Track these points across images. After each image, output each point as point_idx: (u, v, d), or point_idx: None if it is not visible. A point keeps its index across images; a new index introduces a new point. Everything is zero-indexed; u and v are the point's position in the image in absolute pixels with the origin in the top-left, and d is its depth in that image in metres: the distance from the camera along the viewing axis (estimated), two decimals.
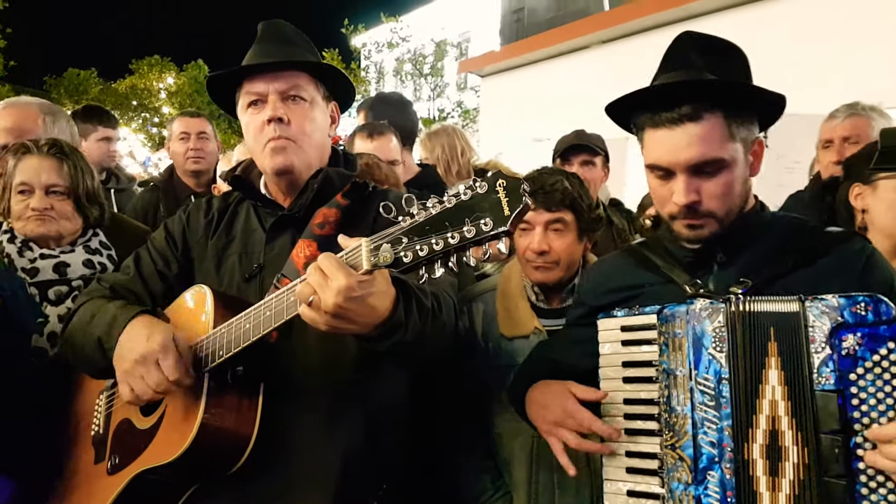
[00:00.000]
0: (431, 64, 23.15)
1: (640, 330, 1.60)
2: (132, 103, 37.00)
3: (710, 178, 1.54)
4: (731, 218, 1.59)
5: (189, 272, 1.96)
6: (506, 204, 1.22)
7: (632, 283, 1.74)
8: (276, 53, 1.88)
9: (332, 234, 1.81)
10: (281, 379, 1.73)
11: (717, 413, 1.45)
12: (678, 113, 1.52)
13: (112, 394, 1.95)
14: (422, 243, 1.27)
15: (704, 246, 1.62)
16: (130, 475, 1.74)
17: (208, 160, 4.28)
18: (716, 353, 1.47)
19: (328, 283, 1.34)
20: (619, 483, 1.58)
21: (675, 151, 1.54)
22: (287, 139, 1.83)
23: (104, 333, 1.72)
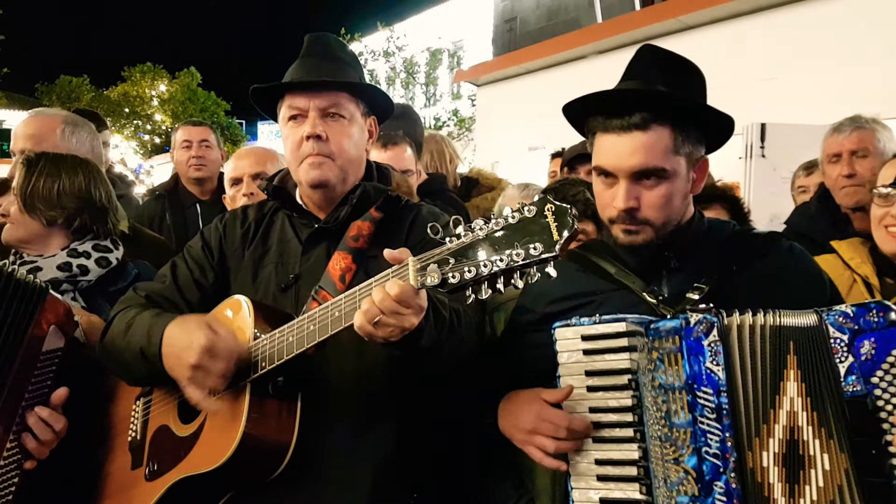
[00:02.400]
0: (426, 72, 23.22)
1: (604, 339, 1.61)
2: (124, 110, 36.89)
3: (650, 188, 1.62)
4: (667, 229, 1.67)
5: (225, 281, 1.99)
6: (555, 229, 1.25)
7: (582, 289, 1.76)
8: (319, 70, 1.91)
9: (365, 247, 1.88)
10: (317, 389, 1.76)
11: (719, 424, 1.47)
12: (628, 121, 1.60)
13: (149, 400, 1.98)
14: (470, 265, 1.30)
15: (657, 253, 1.69)
16: (170, 482, 1.78)
17: (210, 168, 4.33)
18: (713, 366, 1.49)
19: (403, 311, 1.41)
20: (589, 491, 1.59)
21: (620, 157, 1.62)
22: (325, 156, 1.87)
23: (145, 344, 1.74)
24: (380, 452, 1.82)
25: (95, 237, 2.41)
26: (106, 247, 2.41)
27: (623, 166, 1.61)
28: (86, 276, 2.32)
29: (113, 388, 2.13)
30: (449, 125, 20.56)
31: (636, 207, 1.63)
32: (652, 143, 1.60)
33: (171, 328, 1.71)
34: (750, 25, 7.37)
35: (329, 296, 1.78)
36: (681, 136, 1.62)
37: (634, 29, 8.81)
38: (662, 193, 1.63)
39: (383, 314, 1.42)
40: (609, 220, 1.69)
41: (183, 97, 37.83)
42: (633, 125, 1.59)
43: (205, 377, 1.62)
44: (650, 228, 1.65)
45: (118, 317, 1.90)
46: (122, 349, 1.82)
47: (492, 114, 11.89)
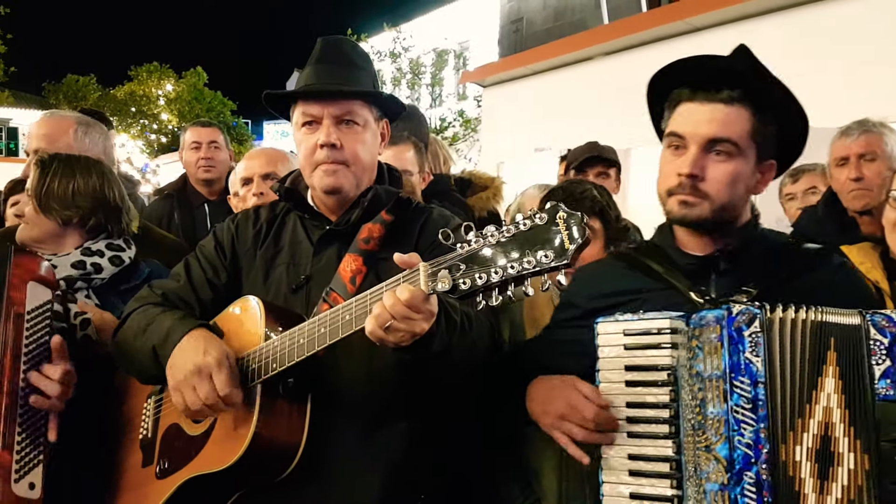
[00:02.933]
0: (432, 73, 23.24)
1: (646, 335, 1.61)
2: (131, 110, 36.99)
3: (718, 162, 1.64)
4: (723, 215, 1.67)
5: (237, 281, 2.01)
6: (566, 237, 1.26)
7: (628, 287, 1.78)
8: (333, 76, 1.92)
9: (376, 249, 1.90)
10: (327, 390, 1.78)
11: (754, 415, 1.48)
12: (714, 95, 1.64)
13: (160, 399, 2.00)
14: (480, 272, 1.31)
15: (708, 255, 1.71)
16: (180, 480, 1.80)
17: (219, 169, 4.36)
18: (752, 357, 1.50)
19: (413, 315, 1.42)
20: (619, 486, 1.60)
21: (698, 124, 1.64)
22: (339, 163, 1.88)
23: (160, 344, 1.76)
24: (389, 454, 1.83)
25: (109, 236, 2.44)
26: (119, 245, 2.45)
27: (698, 132, 1.64)
28: (99, 274, 2.36)
29: (124, 385, 2.16)
30: (454, 126, 20.56)
31: (700, 177, 1.63)
32: (732, 118, 1.63)
33: (194, 334, 1.74)
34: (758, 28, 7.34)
35: (339, 298, 1.80)
36: (759, 124, 1.65)
37: (641, 31, 8.78)
38: (729, 171, 1.64)
39: (394, 319, 1.43)
40: (667, 191, 1.69)
41: (189, 97, 37.93)
42: (718, 99, 1.63)
43: (192, 389, 1.66)
44: (707, 205, 1.64)
45: (135, 314, 1.91)
46: (138, 347, 1.84)
47: (497, 115, 11.87)
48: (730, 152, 1.63)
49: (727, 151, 1.63)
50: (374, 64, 2.08)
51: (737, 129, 1.63)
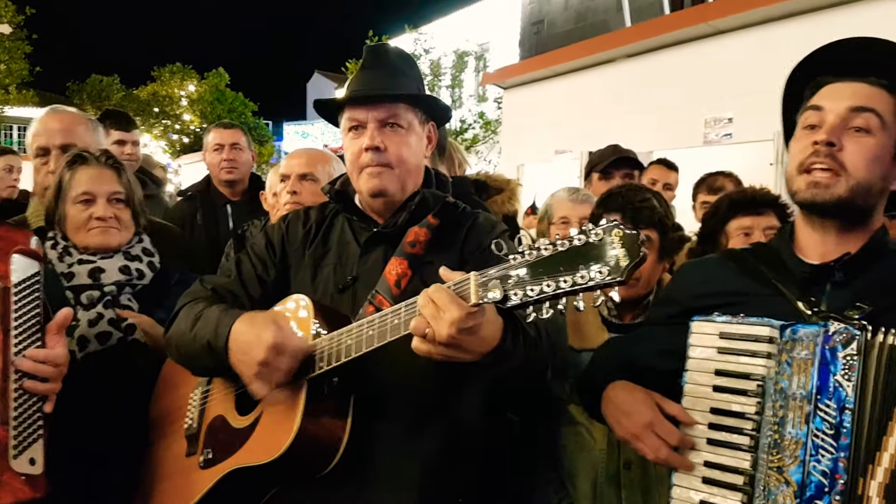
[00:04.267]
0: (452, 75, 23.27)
1: (743, 340, 1.53)
2: (154, 110, 37.25)
3: (857, 138, 1.53)
4: (859, 201, 1.54)
5: (285, 279, 2.04)
6: (623, 255, 1.25)
7: (734, 289, 1.68)
8: (377, 82, 1.96)
9: (421, 253, 1.92)
10: (369, 391, 1.80)
11: (835, 443, 1.40)
12: (858, 79, 1.57)
13: (207, 390, 2.05)
14: (533, 284, 1.31)
15: (823, 264, 1.59)
16: (224, 471, 1.85)
17: (241, 170, 4.43)
18: (843, 380, 1.41)
19: (441, 315, 1.39)
20: (690, 491, 1.55)
21: (839, 96, 1.57)
22: (383, 166, 1.92)
23: (212, 338, 1.79)
24: (428, 455, 1.86)
25: (140, 241, 2.47)
26: (150, 250, 2.47)
27: (839, 102, 1.55)
28: (142, 280, 2.39)
29: (171, 375, 2.21)
30: (474, 128, 20.58)
31: (838, 147, 1.52)
32: (875, 95, 1.56)
33: (239, 324, 1.76)
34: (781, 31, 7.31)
35: (384, 300, 1.84)
36: None
37: (664, 33, 8.76)
38: (870, 146, 1.53)
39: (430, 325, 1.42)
40: (799, 165, 1.58)
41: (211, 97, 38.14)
42: (864, 81, 1.57)
43: (271, 373, 1.67)
44: (843, 181, 1.51)
45: (185, 309, 1.96)
46: (189, 341, 1.88)
47: (518, 116, 11.88)
48: (870, 128, 1.52)
49: (867, 128, 1.52)
50: (418, 68, 2.12)
51: (881, 104, 1.54)
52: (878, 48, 1.62)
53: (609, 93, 9.53)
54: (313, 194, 2.82)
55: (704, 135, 7.62)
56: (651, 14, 11.32)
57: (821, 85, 1.63)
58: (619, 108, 9.10)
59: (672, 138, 7.96)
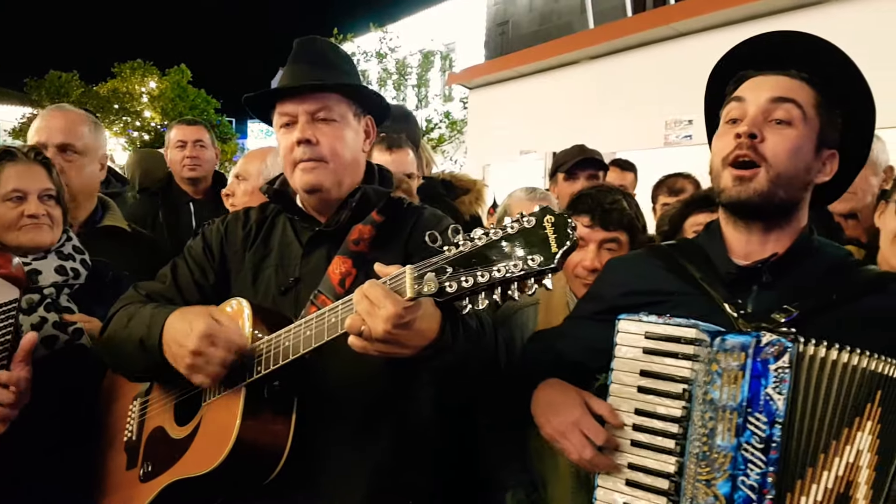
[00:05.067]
0: (418, 74, 23.24)
1: (668, 341, 1.50)
2: (114, 107, 36.61)
3: (778, 130, 1.53)
4: (781, 193, 1.53)
5: (225, 283, 1.98)
6: (553, 241, 1.24)
7: (661, 288, 1.66)
8: (307, 75, 1.90)
9: (366, 250, 1.87)
10: (313, 394, 1.75)
11: (764, 457, 1.36)
12: (780, 71, 1.57)
13: (146, 401, 1.98)
14: (467, 275, 1.28)
15: (750, 266, 1.57)
16: (163, 484, 1.78)
17: (204, 167, 4.34)
18: (774, 393, 1.37)
19: (376, 311, 1.36)
20: (614, 493, 1.52)
21: (761, 87, 1.57)
22: (316, 160, 1.86)
23: (145, 334, 1.74)
24: (376, 459, 1.82)
25: (69, 239, 2.36)
26: (80, 248, 2.37)
27: (761, 93, 1.55)
28: (78, 279, 2.29)
29: (110, 387, 2.13)
30: (440, 127, 20.58)
31: (760, 139, 1.51)
32: (796, 87, 1.55)
33: (173, 317, 1.71)
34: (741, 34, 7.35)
35: (328, 300, 1.78)
36: (825, 102, 1.56)
37: (626, 35, 8.84)
38: (791, 137, 1.52)
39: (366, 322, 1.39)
40: (723, 160, 1.57)
41: (173, 94, 37.57)
42: (785, 74, 1.57)
43: (205, 363, 1.61)
44: (763, 173, 1.51)
45: (119, 312, 1.89)
46: (122, 341, 1.81)
47: (483, 117, 11.91)
48: (791, 119, 1.52)
49: (788, 119, 1.52)
50: (357, 64, 2.06)
51: (801, 96, 1.54)
52: (800, 42, 1.63)
53: (573, 94, 9.59)
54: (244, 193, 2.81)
55: (665, 136, 7.69)
56: (614, 16, 11.40)
57: (743, 79, 1.63)
58: (582, 109, 9.16)
59: (634, 139, 8.02)
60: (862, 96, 1.60)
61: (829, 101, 1.56)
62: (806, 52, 1.59)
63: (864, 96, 1.60)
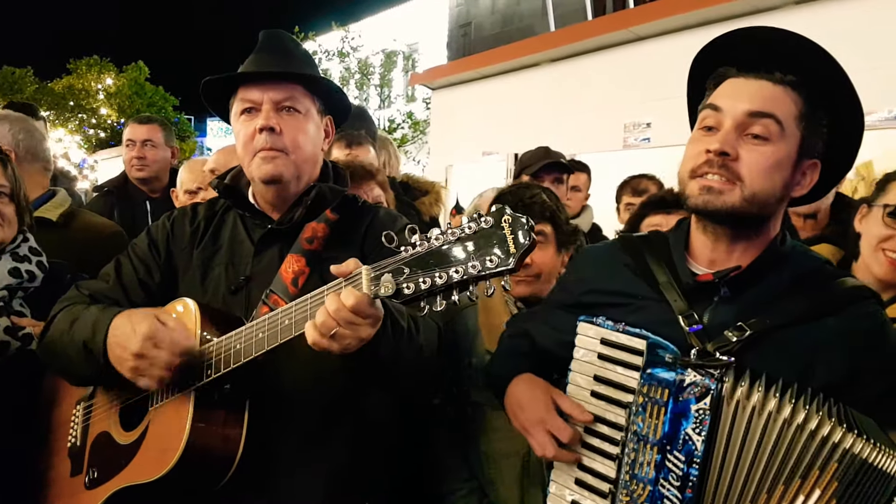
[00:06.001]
0: (381, 74, 23.15)
1: (621, 350, 1.51)
2: (69, 104, 35.85)
3: (755, 146, 1.43)
4: (754, 210, 1.45)
5: (172, 282, 1.92)
6: (511, 242, 1.23)
7: (624, 289, 1.62)
8: (274, 64, 1.87)
9: (319, 249, 1.84)
10: (268, 396, 1.72)
11: (680, 495, 1.36)
12: (763, 75, 1.47)
13: (90, 405, 1.92)
14: (425, 276, 1.27)
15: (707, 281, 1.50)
16: (110, 491, 1.73)
17: (153, 168, 4.26)
18: (693, 434, 1.37)
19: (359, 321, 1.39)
20: (565, 490, 1.57)
21: (738, 97, 1.46)
22: (278, 150, 1.82)
23: (89, 337, 1.68)
24: (332, 460, 1.80)
25: (25, 240, 2.28)
26: (37, 249, 2.29)
27: (738, 105, 1.44)
28: (33, 282, 2.21)
29: (52, 390, 2.06)
30: (403, 127, 20.53)
31: (734, 157, 1.42)
32: (778, 96, 1.44)
33: (118, 319, 1.66)
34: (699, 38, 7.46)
35: (280, 300, 1.75)
36: (809, 112, 1.46)
37: (587, 38, 8.90)
38: (767, 154, 1.42)
39: (339, 325, 1.38)
40: (690, 171, 1.48)
41: (130, 91, 36.95)
42: (766, 77, 1.46)
43: (149, 366, 1.58)
44: (738, 191, 1.42)
45: (61, 314, 1.82)
46: (65, 345, 1.75)
47: (446, 117, 11.89)
48: (768, 136, 1.42)
49: (765, 135, 1.42)
50: (319, 63, 2.03)
51: (782, 108, 1.43)
52: (787, 42, 1.52)
53: (535, 96, 9.63)
54: None
55: (624, 139, 7.76)
56: (575, 19, 11.51)
57: (723, 77, 1.54)
58: (544, 111, 9.19)
59: (594, 142, 8.08)
60: (849, 102, 1.51)
61: (813, 108, 1.47)
62: (793, 53, 1.49)
63: (851, 102, 1.51)
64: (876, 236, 2.11)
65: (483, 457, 2.19)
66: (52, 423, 2.03)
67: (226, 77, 1.90)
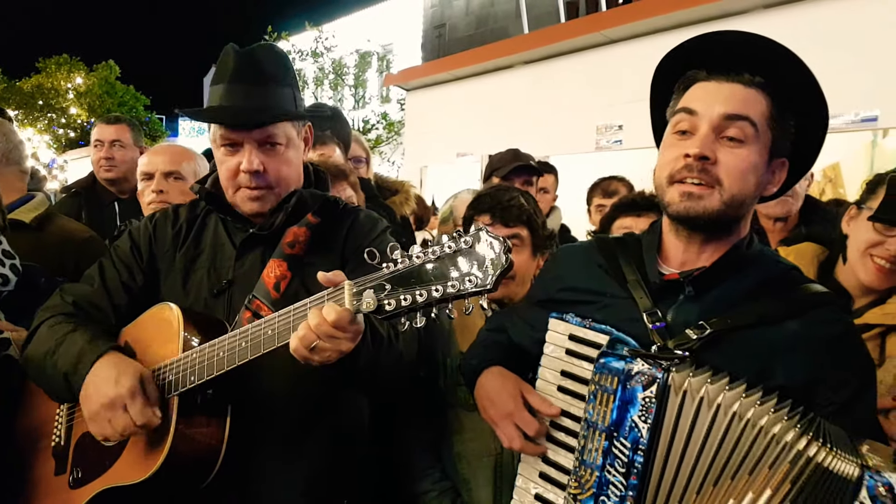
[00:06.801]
0: (355, 75, 23.10)
1: (586, 345, 1.54)
2: (38, 103, 35.28)
3: (731, 148, 1.45)
4: (731, 212, 1.48)
5: (155, 284, 1.92)
6: (490, 262, 1.26)
7: (595, 287, 1.65)
8: (251, 97, 1.81)
9: (301, 254, 1.85)
10: (249, 401, 1.74)
11: (625, 481, 1.39)
12: (733, 76, 1.49)
13: (74, 405, 1.92)
14: (406, 293, 1.30)
15: (672, 280, 1.54)
16: (94, 491, 1.75)
17: (121, 168, 4.18)
18: (639, 421, 1.39)
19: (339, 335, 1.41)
20: (530, 483, 1.59)
21: (713, 100, 1.48)
22: (263, 188, 1.84)
23: (71, 370, 1.69)
24: (312, 462, 1.82)
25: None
26: (9, 252, 2.26)
27: (713, 108, 1.46)
28: (7, 286, 2.20)
29: (35, 389, 2.03)
30: (378, 128, 20.50)
31: (712, 160, 1.44)
32: (750, 98, 1.47)
33: (106, 359, 1.68)
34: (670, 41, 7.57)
35: (262, 304, 1.77)
36: (778, 113, 1.49)
37: (560, 41, 8.98)
38: (743, 157, 1.44)
39: (320, 339, 1.41)
40: (669, 177, 1.50)
41: (100, 91, 36.45)
42: (738, 80, 1.48)
43: (107, 423, 1.62)
44: (717, 196, 1.44)
45: (45, 327, 1.82)
46: (46, 367, 1.76)
47: (421, 119, 11.90)
48: (744, 138, 1.44)
49: (741, 138, 1.44)
50: (293, 65, 2.02)
51: (755, 110, 1.46)
52: (754, 45, 1.53)
53: (508, 98, 9.68)
54: (182, 193, 2.72)
55: (596, 141, 7.84)
56: (548, 22, 11.61)
57: (693, 80, 1.55)
58: (517, 113, 9.25)
59: (567, 144, 8.15)
60: (816, 103, 1.53)
61: (782, 108, 1.50)
62: (761, 56, 1.51)
63: (818, 103, 1.53)
64: (864, 241, 2.11)
65: (456, 457, 2.21)
66: (36, 422, 2.03)
67: (201, 117, 1.89)
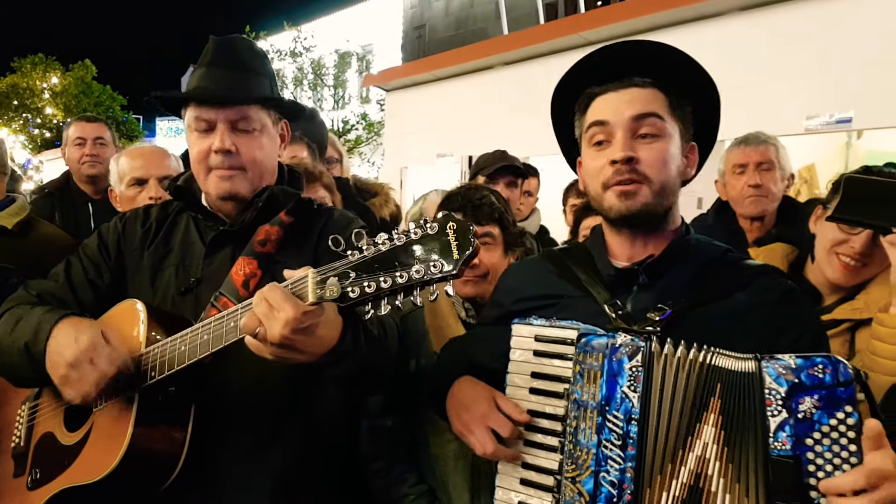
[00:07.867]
0: (335, 75, 23.03)
1: (554, 343, 1.55)
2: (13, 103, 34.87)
3: (648, 144, 1.57)
4: (661, 202, 1.59)
5: (122, 283, 1.90)
6: (455, 248, 1.26)
7: (550, 291, 1.71)
8: (228, 80, 1.84)
9: (273, 252, 1.83)
10: (214, 398, 1.72)
11: (622, 453, 1.40)
12: (626, 83, 1.61)
13: (35, 405, 1.89)
14: (370, 280, 1.28)
15: (626, 269, 1.63)
16: (52, 492, 1.71)
17: (105, 165, 4.15)
18: (629, 391, 1.41)
19: (274, 314, 1.34)
20: (511, 493, 1.56)
21: (619, 108, 1.59)
22: (235, 169, 1.82)
23: (31, 339, 1.65)
24: (280, 463, 1.79)
25: None
26: None
27: (621, 114, 1.58)
28: None
29: None
30: (358, 129, 20.45)
31: (636, 159, 1.56)
32: (650, 97, 1.60)
33: (62, 325, 1.63)
34: None
35: (230, 302, 1.74)
36: (676, 102, 1.62)
37: (539, 42, 9.02)
38: (660, 149, 1.57)
39: (261, 323, 1.37)
40: (603, 184, 1.61)
41: (77, 90, 36.07)
42: (631, 84, 1.60)
43: (78, 380, 1.56)
44: (648, 188, 1.57)
45: (6, 314, 1.79)
46: (7, 345, 1.71)
47: (400, 119, 11.89)
48: (656, 133, 1.58)
49: (653, 133, 1.58)
50: (272, 63, 2.01)
51: (658, 105, 1.59)
52: (633, 49, 1.66)
53: (488, 98, 9.70)
54: None
55: None
56: (527, 23, 11.65)
57: (591, 98, 1.66)
58: (497, 114, 9.28)
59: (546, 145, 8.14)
60: (701, 83, 1.67)
61: (677, 98, 1.62)
62: (641, 57, 1.64)
63: (703, 82, 1.67)
64: (830, 240, 2.15)
65: (433, 459, 2.19)
66: None
67: (178, 97, 1.88)
